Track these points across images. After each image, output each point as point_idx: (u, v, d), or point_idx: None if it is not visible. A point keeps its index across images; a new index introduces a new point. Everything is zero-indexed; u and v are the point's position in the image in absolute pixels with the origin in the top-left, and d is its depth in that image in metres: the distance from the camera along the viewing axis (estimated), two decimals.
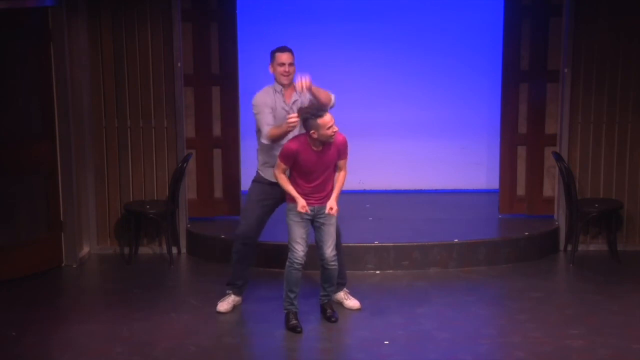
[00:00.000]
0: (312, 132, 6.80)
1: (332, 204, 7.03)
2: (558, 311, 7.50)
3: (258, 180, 7.36)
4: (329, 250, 7.07)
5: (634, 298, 7.73)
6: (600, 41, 8.79)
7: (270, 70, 7.29)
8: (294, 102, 7.21)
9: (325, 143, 6.87)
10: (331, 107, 7.14)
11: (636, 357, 6.58)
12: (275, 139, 7.09)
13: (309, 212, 6.98)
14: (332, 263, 7.12)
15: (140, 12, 8.79)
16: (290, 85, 7.25)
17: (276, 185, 7.15)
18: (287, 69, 7.19)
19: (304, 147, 6.89)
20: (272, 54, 7.30)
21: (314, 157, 6.90)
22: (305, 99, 7.14)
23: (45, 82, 8.42)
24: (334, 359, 6.76)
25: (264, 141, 7.15)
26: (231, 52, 9.10)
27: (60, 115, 8.50)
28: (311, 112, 6.78)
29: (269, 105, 7.17)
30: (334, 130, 6.81)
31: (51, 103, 8.47)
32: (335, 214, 7.04)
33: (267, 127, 7.10)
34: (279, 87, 7.25)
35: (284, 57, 7.22)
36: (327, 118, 6.76)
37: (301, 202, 6.96)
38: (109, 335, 7.06)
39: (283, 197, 7.18)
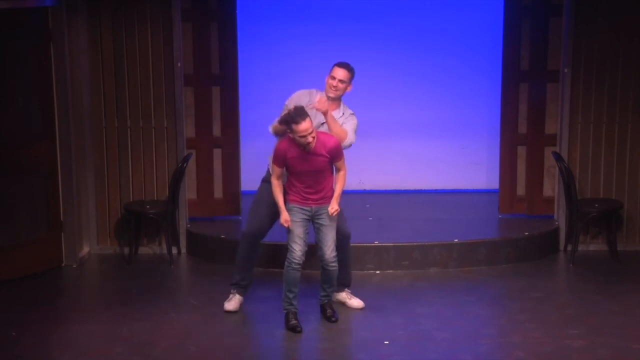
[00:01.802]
0: (288, 131, 6.86)
1: (332, 204, 7.04)
2: (558, 311, 7.50)
3: (268, 180, 7.30)
4: (329, 251, 7.07)
5: (634, 298, 7.73)
6: (600, 41, 8.79)
7: (326, 79, 7.27)
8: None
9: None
10: (346, 147, 7.12)
11: (636, 357, 6.58)
12: (275, 132, 7.11)
13: (290, 226, 7.00)
14: (332, 264, 7.11)
15: (140, 12, 8.79)
16: (336, 101, 7.23)
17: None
18: (335, 84, 7.19)
19: (291, 147, 6.91)
20: (333, 65, 7.28)
21: (300, 157, 6.90)
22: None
23: (45, 82, 8.42)
24: (334, 359, 6.76)
25: (270, 129, 7.17)
26: (231, 52, 9.10)
27: (60, 115, 8.50)
28: (290, 116, 6.80)
29: (303, 103, 7.13)
30: (308, 141, 6.80)
31: (51, 103, 8.47)
32: (336, 214, 7.05)
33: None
34: (320, 94, 7.22)
35: (339, 72, 7.21)
36: (301, 127, 6.74)
37: (284, 216, 7.00)
38: (109, 335, 7.06)
39: None
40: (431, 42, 10.09)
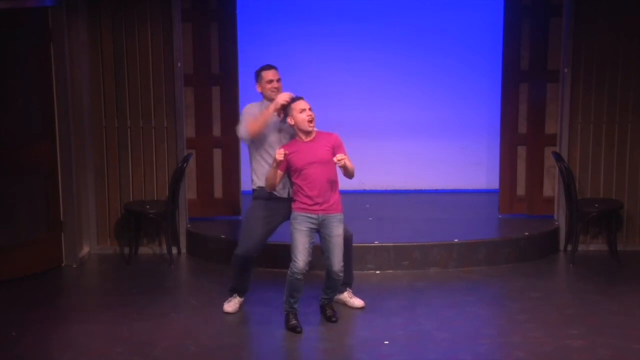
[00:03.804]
0: (289, 118, 6.95)
1: (341, 156, 6.86)
2: (558, 311, 7.50)
3: (260, 197, 7.26)
4: (337, 262, 6.99)
5: (634, 298, 7.73)
6: (600, 41, 8.79)
7: (258, 89, 7.36)
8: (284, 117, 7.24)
9: (310, 133, 6.93)
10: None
11: (636, 357, 6.58)
12: (256, 131, 7.10)
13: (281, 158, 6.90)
14: (339, 274, 7.05)
15: (140, 12, 8.79)
16: None
17: (281, 200, 7.14)
18: (276, 85, 7.28)
19: (293, 144, 6.98)
20: (258, 73, 7.36)
21: (302, 148, 6.93)
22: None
23: (45, 82, 8.42)
24: (334, 359, 6.75)
25: (242, 135, 7.17)
26: (231, 52, 9.10)
27: (60, 115, 8.51)
28: (291, 99, 6.97)
29: (255, 115, 7.21)
30: (309, 115, 6.90)
31: (51, 103, 8.47)
32: (340, 163, 6.83)
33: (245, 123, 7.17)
34: (266, 104, 7.26)
35: (270, 74, 7.31)
36: (301, 103, 6.93)
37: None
38: (109, 335, 7.06)
39: (288, 214, 7.13)
40: (431, 42, 10.09)
